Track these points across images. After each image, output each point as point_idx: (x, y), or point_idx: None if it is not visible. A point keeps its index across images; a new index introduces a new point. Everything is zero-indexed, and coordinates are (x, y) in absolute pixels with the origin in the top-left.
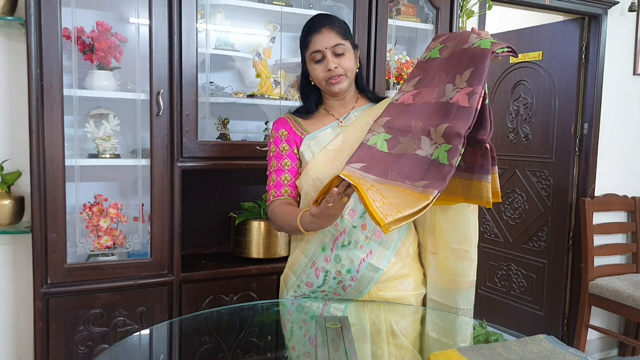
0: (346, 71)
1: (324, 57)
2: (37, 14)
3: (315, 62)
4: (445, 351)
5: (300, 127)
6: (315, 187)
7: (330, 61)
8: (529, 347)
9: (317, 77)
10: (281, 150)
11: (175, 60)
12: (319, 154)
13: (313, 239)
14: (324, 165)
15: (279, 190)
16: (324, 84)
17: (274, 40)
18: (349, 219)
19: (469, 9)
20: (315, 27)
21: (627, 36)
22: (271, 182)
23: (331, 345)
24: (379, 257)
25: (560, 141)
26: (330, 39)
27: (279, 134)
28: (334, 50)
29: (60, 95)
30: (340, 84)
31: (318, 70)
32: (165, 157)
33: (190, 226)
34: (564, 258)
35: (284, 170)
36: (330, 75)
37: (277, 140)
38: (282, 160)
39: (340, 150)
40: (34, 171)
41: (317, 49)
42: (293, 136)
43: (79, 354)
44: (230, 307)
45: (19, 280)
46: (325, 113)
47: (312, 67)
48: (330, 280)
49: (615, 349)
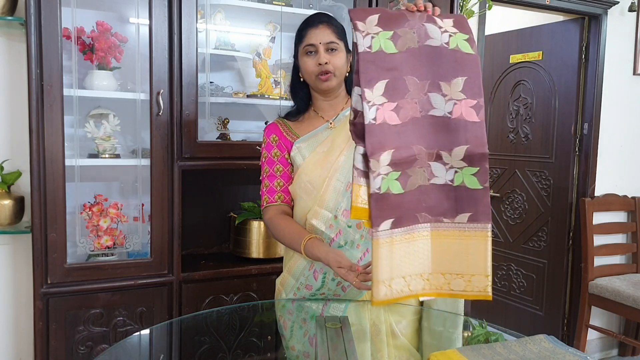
0: (335, 69)
1: (316, 51)
2: (37, 14)
3: (307, 54)
4: (445, 351)
5: (291, 131)
6: (307, 190)
7: (322, 56)
8: (529, 347)
9: (307, 71)
10: (273, 156)
11: (175, 60)
12: (309, 157)
13: None
14: (314, 168)
15: (272, 196)
16: (313, 78)
17: (274, 40)
18: (343, 219)
19: (469, 9)
20: (313, 22)
21: (627, 36)
22: (264, 188)
23: (331, 345)
24: None
25: (560, 141)
26: (325, 35)
27: (270, 140)
28: (327, 47)
29: (60, 95)
30: (329, 82)
31: (309, 63)
32: (165, 157)
33: (190, 226)
34: (564, 258)
35: (276, 176)
36: (320, 70)
37: (268, 146)
38: (274, 166)
39: (328, 152)
40: (34, 171)
41: (311, 42)
42: (284, 141)
43: (79, 354)
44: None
45: (19, 280)
46: (315, 115)
47: (304, 60)
48: (329, 282)
49: (615, 349)
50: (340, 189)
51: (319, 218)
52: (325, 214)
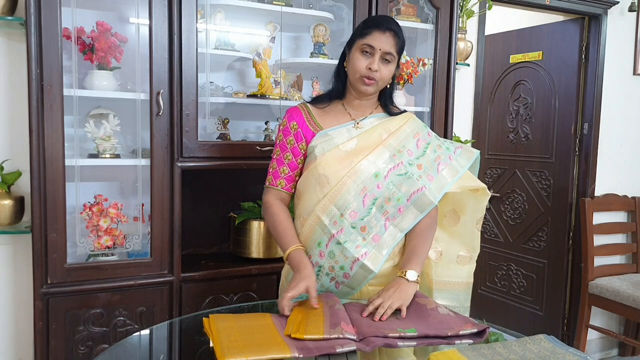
0: (381, 79)
1: (372, 54)
2: (37, 14)
3: (363, 53)
4: (445, 351)
5: (314, 120)
6: (321, 183)
7: (376, 62)
8: (529, 347)
9: (356, 68)
10: (287, 143)
11: (175, 60)
12: (330, 151)
13: (312, 233)
14: (332, 163)
15: (275, 179)
16: (357, 76)
17: (274, 40)
18: (348, 219)
19: (469, 9)
20: (383, 25)
21: (627, 36)
22: (271, 168)
23: None
24: (374, 260)
25: (560, 141)
26: (388, 43)
27: (290, 125)
28: (383, 56)
29: (60, 95)
30: (370, 87)
31: (361, 61)
32: (165, 157)
33: (190, 226)
34: (564, 258)
35: (284, 162)
36: (368, 73)
37: (286, 131)
38: (285, 152)
39: (352, 153)
40: (34, 171)
41: (372, 44)
42: (304, 130)
43: (79, 354)
44: (230, 307)
45: (19, 280)
46: (342, 110)
47: (357, 56)
48: (323, 277)
49: (615, 349)
50: (354, 191)
51: (326, 213)
52: (333, 210)
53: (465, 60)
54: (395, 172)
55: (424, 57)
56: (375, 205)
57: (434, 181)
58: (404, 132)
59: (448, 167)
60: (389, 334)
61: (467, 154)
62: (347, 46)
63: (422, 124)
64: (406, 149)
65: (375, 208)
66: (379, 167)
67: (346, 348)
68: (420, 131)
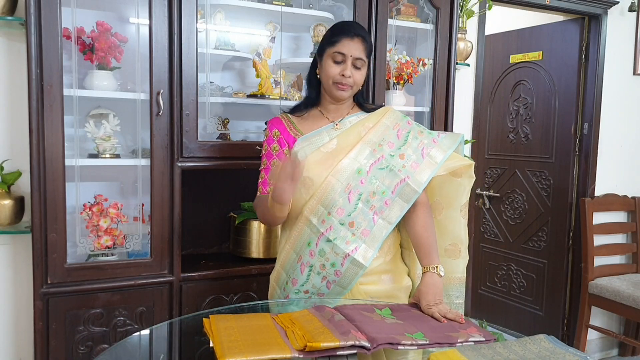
0: (355, 84)
1: (344, 61)
2: (37, 14)
3: (335, 61)
4: (445, 351)
5: (294, 127)
6: (306, 185)
7: (348, 69)
8: (529, 347)
9: (329, 75)
10: (272, 150)
11: (175, 60)
12: (312, 154)
13: (301, 234)
14: (315, 165)
15: (265, 187)
16: (330, 83)
17: (274, 40)
18: (336, 216)
19: (469, 9)
20: (350, 31)
21: (627, 36)
22: (260, 179)
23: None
24: (364, 254)
25: (560, 141)
26: (357, 49)
27: (272, 134)
28: (354, 62)
29: (60, 95)
30: (345, 92)
31: (334, 69)
32: (165, 157)
33: (190, 226)
34: (564, 258)
35: (271, 169)
36: (341, 80)
37: (269, 140)
38: (271, 160)
39: (333, 154)
40: (34, 171)
41: (343, 51)
42: (286, 137)
43: (79, 354)
44: (230, 307)
45: (19, 280)
46: (319, 115)
47: (329, 64)
48: (314, 277)
49: (615, 349)
50: (339, 189)
51: (314, 212)
52: (320, 209)
53: (465, 60)
54: (377, 167)
55: (424, 57)
56: (361, 201)
57: (419, 168)
58: (383, 125)
59: (435, 148)
60: (401, 340)
61: (452, 137)
62: (317, 54)
63: (401, 115)
64: (386, 141)
65: (362, 203)
66: (361, 163)
67: (347, 350)
68: (399, 121)
